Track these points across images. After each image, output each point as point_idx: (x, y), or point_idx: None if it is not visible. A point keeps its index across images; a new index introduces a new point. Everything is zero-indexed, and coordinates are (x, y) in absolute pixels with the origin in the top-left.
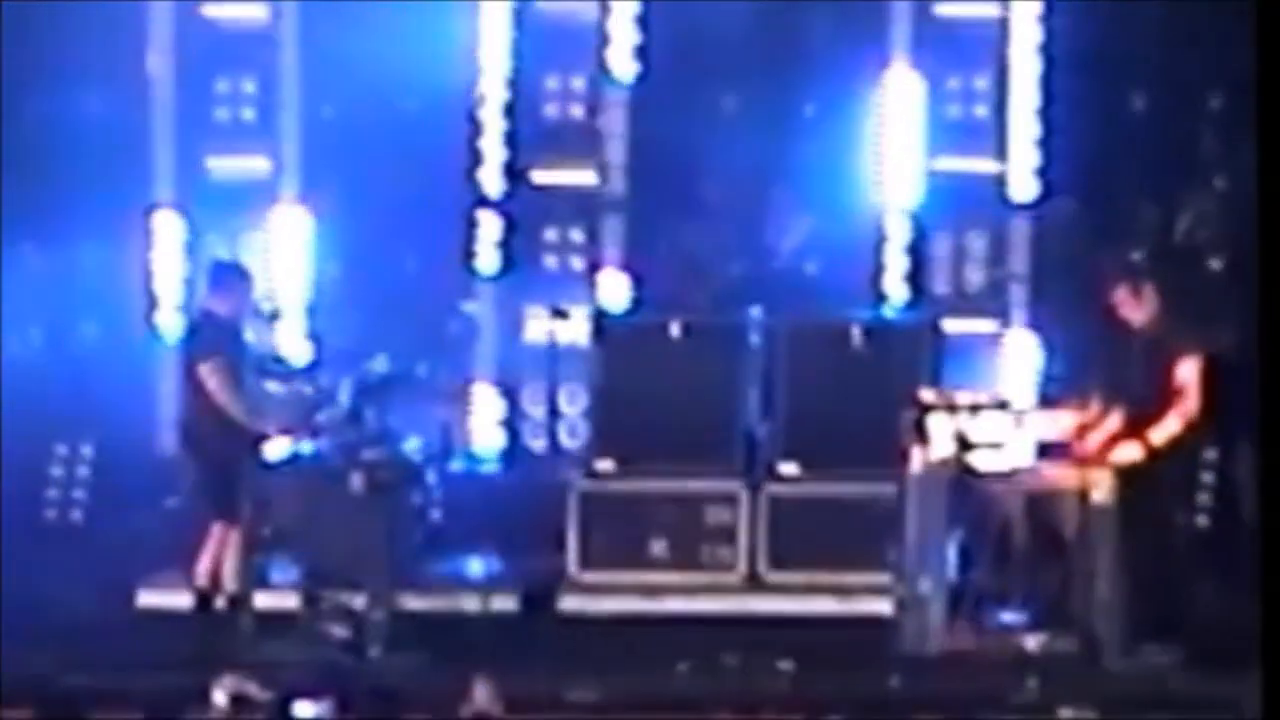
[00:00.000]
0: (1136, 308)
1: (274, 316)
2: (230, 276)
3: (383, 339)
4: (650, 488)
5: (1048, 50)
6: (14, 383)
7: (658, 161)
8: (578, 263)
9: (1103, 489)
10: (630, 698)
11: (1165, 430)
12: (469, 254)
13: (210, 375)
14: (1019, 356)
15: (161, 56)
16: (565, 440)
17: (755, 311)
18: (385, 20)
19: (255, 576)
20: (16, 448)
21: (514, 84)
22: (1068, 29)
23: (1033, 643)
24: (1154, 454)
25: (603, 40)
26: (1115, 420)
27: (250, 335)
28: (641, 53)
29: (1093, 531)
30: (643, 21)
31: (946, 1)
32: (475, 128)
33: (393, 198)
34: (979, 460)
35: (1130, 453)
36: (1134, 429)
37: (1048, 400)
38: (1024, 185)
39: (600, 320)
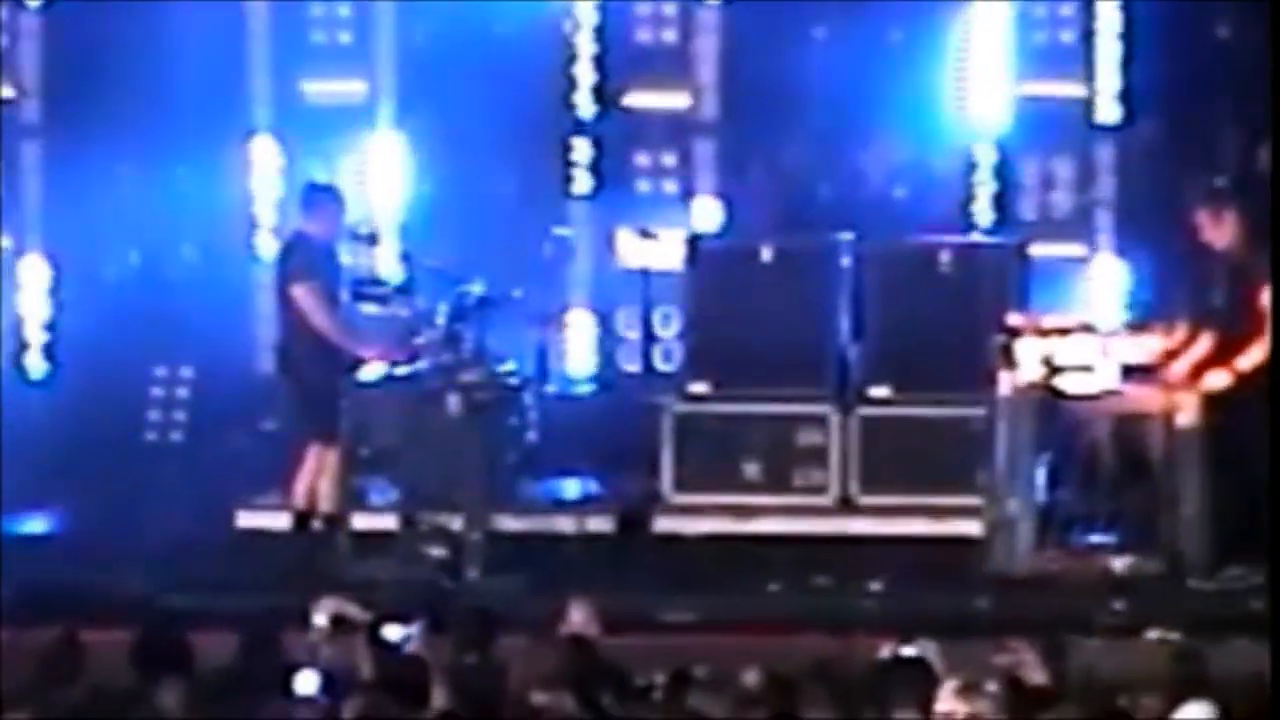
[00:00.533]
0: (1219, 232)
1: (371, 239)
2: (323, 199)
3: (479, 262)
4: (743, 410)
5: None
6: (114, 306)
7: (749, 85)
8: (671, 186)
9: (1188, 412)
10: (723, 618)
11: (1252, 356)
12: (563, 178)
13: (304, 297)
14: (1105, 281)
15: None
16: (659, 363)
17: (845, 236)
18: None
19: (353, 497)
20: (117, 370)
21: (606, 7)
22: None
23: (1120, 564)
24: (1242, 380)
25: None
26: (1203, 345)
27: (346, 258)
28: None
29: (1178, 454)
30: None
31: None
32: (568, 51)
33: (487, 121)
34: (1066, 383)
35: (1219, 380)
36: (1221, 355)
37: (1134, 324)
38: (1110, 110)
39: (693, 244)
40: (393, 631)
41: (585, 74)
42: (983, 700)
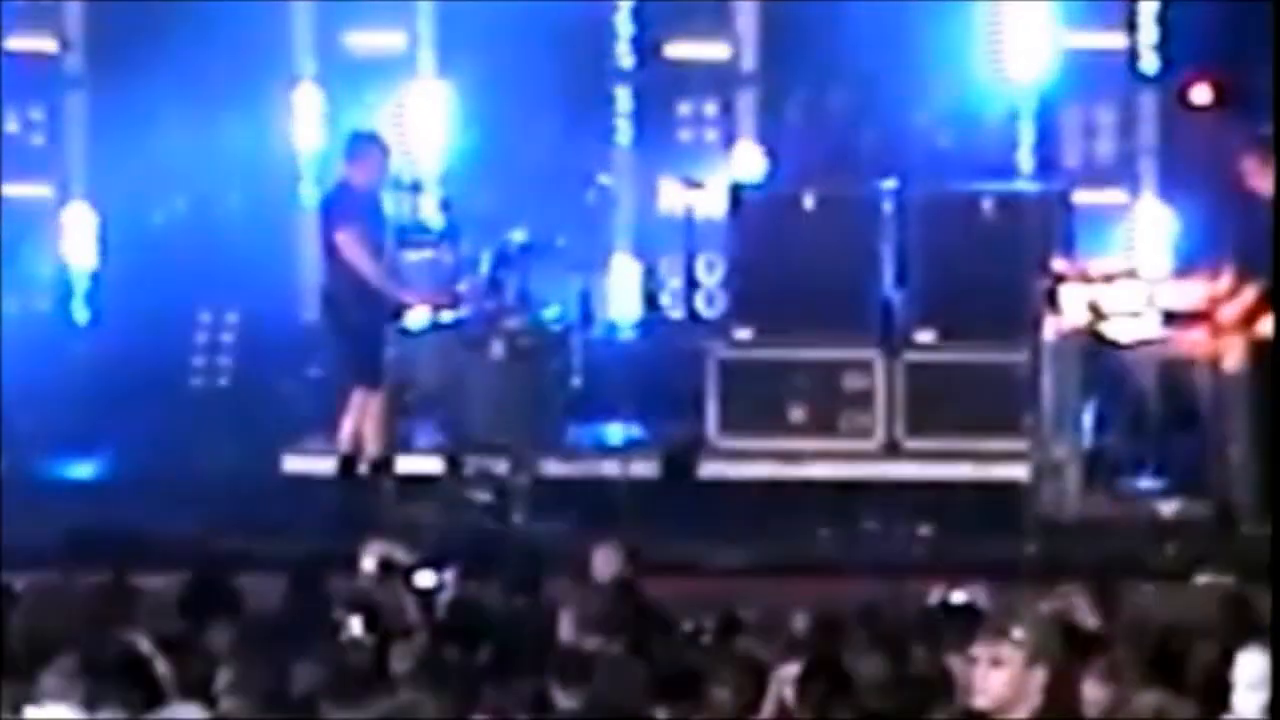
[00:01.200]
0: (1264, 178)
1: (415, 187)
2: (367, 147)
3: (522, 210)
4: (788, 355)
5: None
6: (159, 252)
7: (789, 35)
8: (712, 135)
9: (1234, 357)
10: (770, 563)
11: None
12: (605, 127)
13: (348, 243)
14: (1150, 227)
15: None
16: (703, 309)
17: (889, 183)
18: None
19: (399, 441)
20: (163, 314)
21: None
22: None
23: (1168, 509)
24: None
25: None
26: (1249, 291)
27: (390, 206)
28: None
29: (1225, 399)
30: None
31: None
32: (609, 2)
33: (528, 71)
34: (1112, 329)
35: (1269, 326)
36: (1269, 300)
37: (1179, 270)
38: (1152, 59)
39: (735, 192)
40: (425, 578)
41: (625, 25)
42: (1009, 646)
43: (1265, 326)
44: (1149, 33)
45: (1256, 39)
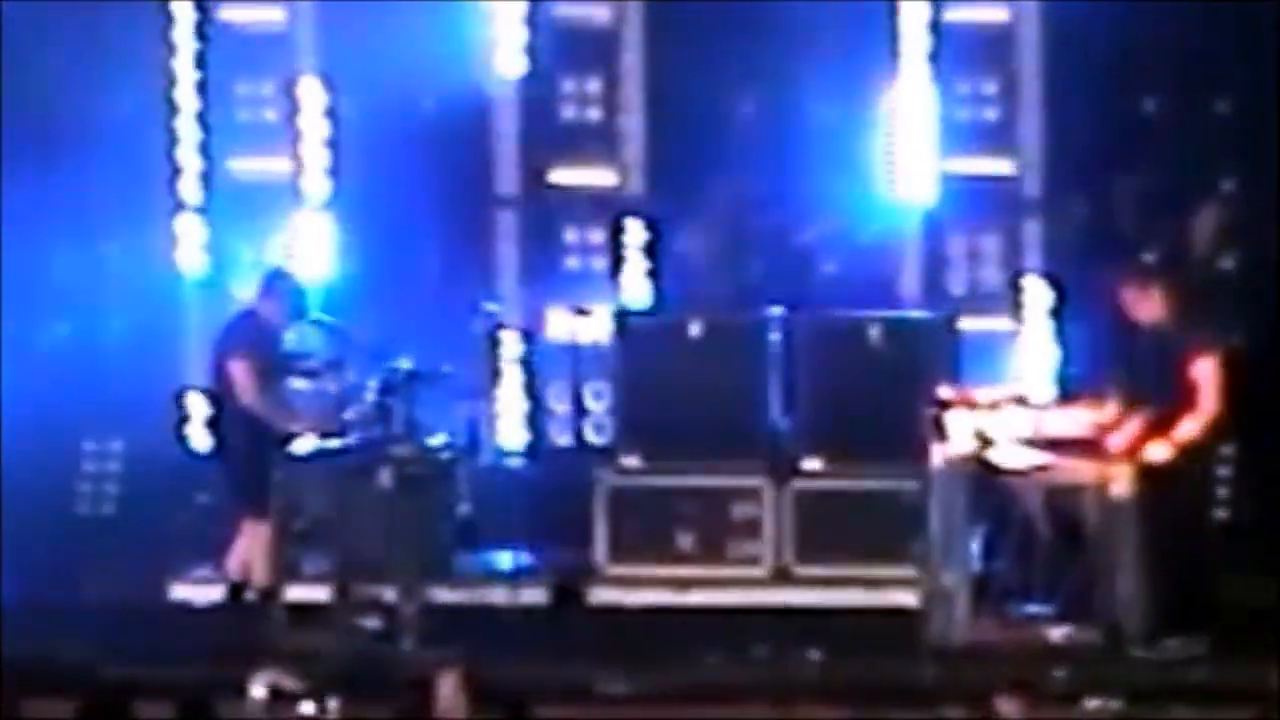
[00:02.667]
0: (1146, 307)
1: (304, 316)
2: (284, 285)
3: (408, 337)
4: (676, 482)
5: (1057, 53)
6: (46, 376)
7: (676, 161)
8: (599, 262)
9: (1122, 483)
10: (661, 689)
11: (1188, 429)
12: (491, 253)
13: (239, 372)
14: (1036, 354)
15: (183, 60)
16: (591, 436)
17: (776, 310)
18: (402, 23)
19: (287, 569)
20: (48, 442)
21: (531, 84)
22: (1077, 32)
23: (1057, 634)
24: (1181, 451)
25: (618, 42)
26: (1136, 420)
27: (288, 336)
28: (659, 53)
29: (1114, 524)
30: (652, 20)
31: (955, 5)
32: (493, 130)
33: (414, 198)
34: (999, 456)
35: (1159, 452)
36: (1157, 427)
37: (1065, 397)
38: (1035, 185)
39: (623, 319)
40: (308, 707)
41: (511, 151)
42: None
43: (1156, 452)
44: (1031, 159)
45: (1137, 166)
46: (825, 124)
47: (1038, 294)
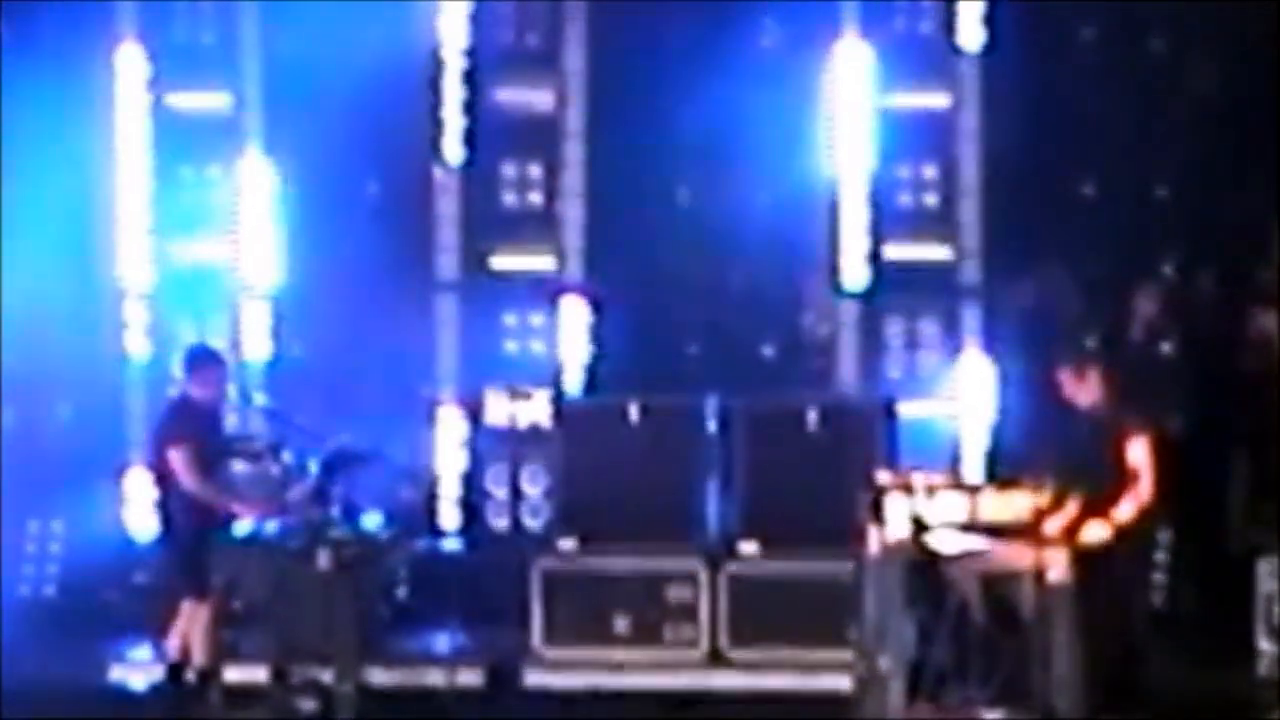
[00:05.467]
0: (1082, 391)
1: (244, 398)
2: (208, 362)
3: (349, 419)
4: (612, 566)
5: (996, 138)
6: None
7: (615, 245)
8: (538, 345)
9: (1058, 568)
10: None
11: (1125, 510)
12: (430, 336)
13: (177, 459)
14: (973, 439)
15: (127, 142)
16: (528, 520)
17: (713, 395)
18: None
19: (225, 650)
20: None
21: (472, 174)
22: (1016, 117)
23: (992, 718)
24: (1118, 535)
25: (559, 128)
26: (1073, 503)
27: (228, 418)
28: (599, 140)
29: (1050, 609)
30: (593, 108)
31: (895, 90)
32: (435, 213)
33: (354, 280)
34: (935, 540)
35: (1098, 533)
36: (1094, 510)
37: (1002, 481)
38: (975, 270)
39: (560, 402)
40: None
41: (452, 235)
42: None
43: (1094, 534)
44: (970, 244)
45: (1076, 251)
46: (764, 209)
47: (975, 378)
